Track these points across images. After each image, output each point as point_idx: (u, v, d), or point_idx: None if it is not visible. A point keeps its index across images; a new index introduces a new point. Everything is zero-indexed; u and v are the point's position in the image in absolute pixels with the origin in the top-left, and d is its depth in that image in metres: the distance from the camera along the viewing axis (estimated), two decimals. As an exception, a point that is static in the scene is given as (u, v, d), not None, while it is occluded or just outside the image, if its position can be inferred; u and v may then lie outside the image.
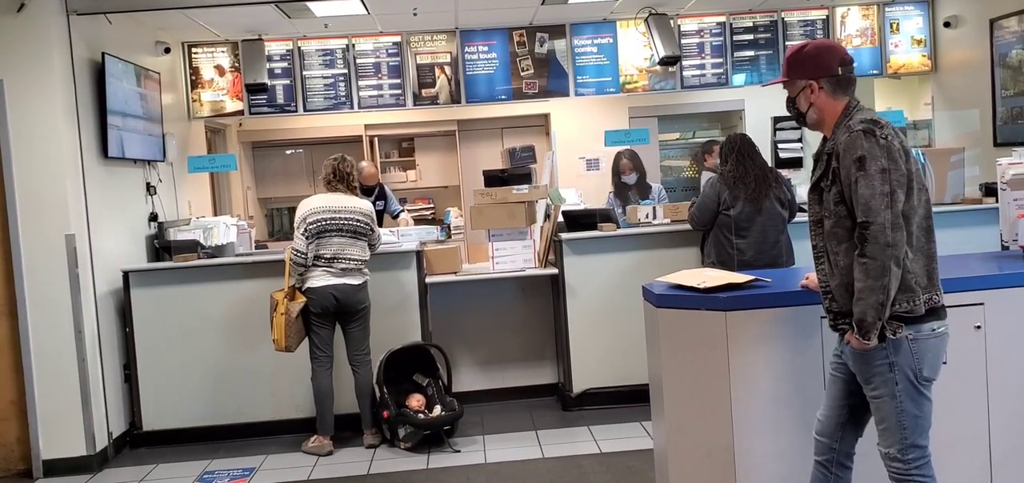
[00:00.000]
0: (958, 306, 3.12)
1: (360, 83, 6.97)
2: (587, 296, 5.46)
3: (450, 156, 9.07)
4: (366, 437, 5.05)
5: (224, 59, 6.87)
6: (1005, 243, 3.79)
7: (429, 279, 5.52)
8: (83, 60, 5.11)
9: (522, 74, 7.04)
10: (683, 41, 7.05)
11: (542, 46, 7.04)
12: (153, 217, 5.88)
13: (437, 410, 5.04)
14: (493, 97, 7.10)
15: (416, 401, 5.05)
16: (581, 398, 5.49)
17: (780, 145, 7.69)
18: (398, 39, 6.97)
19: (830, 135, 2.73)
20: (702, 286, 3.23)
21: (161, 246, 5.72)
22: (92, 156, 5.14)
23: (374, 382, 5.04)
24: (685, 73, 7.13)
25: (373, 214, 5.10)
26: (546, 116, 8.69)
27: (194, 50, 6.86)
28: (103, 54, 5.25)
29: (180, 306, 5.31)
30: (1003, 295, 3.20)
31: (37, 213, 4.86)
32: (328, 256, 4.86)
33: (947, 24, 6.94)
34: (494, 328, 5.84)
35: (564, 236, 5.47)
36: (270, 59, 6.85)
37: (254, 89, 6.64)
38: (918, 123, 7.41)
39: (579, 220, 5.63)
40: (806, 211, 2.89)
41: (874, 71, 7.24)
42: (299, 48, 6.93)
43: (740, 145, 4.85)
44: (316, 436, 5.02)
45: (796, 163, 7.52)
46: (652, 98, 7.77)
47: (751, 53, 7.13)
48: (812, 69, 2.75)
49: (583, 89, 7.11)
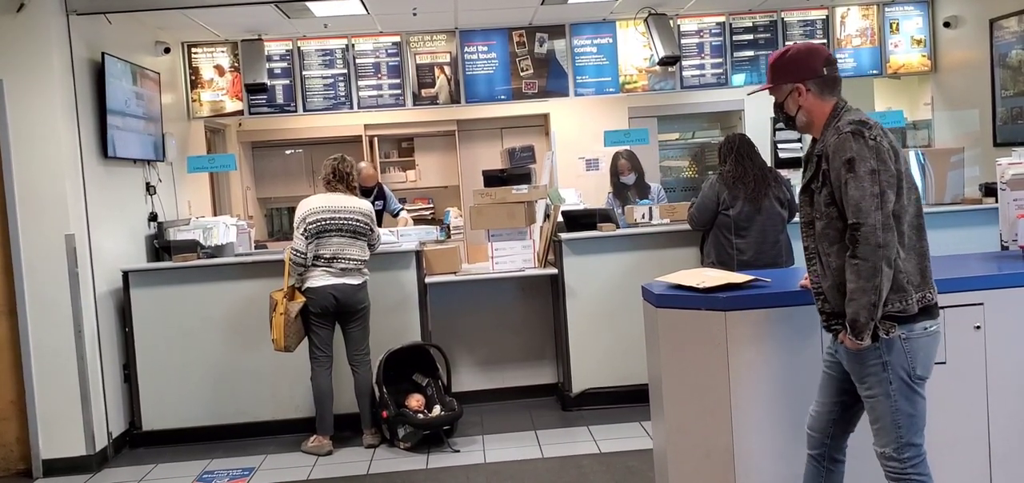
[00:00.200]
0: (958, 306, 3.14)
1: (360, 83, 6.97)
2: (587, 296, 5.46)
3: (450, 156, 9.07)
4: (365, 437, 5.05)
5: (224, 59, 6.87)
6: (1005, 243, 3.79)
7: (429, 279, 5.52)
8: (83, 60, 5.11)
9: (522, 74, 7.04)
10: (683, 41, 7.05)
11: (542, 46, 7.04)
12: (153, 217, 5.88)
13: (436, 410, 5.04)
14: (493, 97, 7.10)
15: (415, 401, 5.05)
16: (580, 398, 5.49)
17: (779, 145, 7.68)
18: (398, 39, 6.97)
19: (819, 137, 2.73)
20: (702, 286, 3.23)
21: (161, 246, 5.72)
22: (92, 156, 5.14)
23: (373, 382, 5.04)
24: (684, 73, 7.13)
25: (373, 214, 5.10)
26: (546, 116, 8.69)
27: (194, 50, 6.86)
28: (103, 54, 5.25)
29: (180, 306, 5.31)
30: (1003, 295, 3.20)
31: (37, 213, 4.86)
32: (328, 256, 4.86)
33: (947, 24, 6.94)
34: (493, 328, 5.84)
35: (563, 236, 5.47)
36: (270, 59, 6.85)
37: (254, 89, 6.64)
38: (918, 123, 7.40)
39: (578, 220, 5.63)
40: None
41: (874, 71, 7.24)
42: (299, 48, 6.93)
43: (739, 145, 4.85)
44: (315, 436, 5.02)
45: (795, 163, 7.48)
46: (652, 98, 7.77)
47: (751, 53, 7.13)
48: (797, 72, 2.76)
49: (583, 89, 7.11)
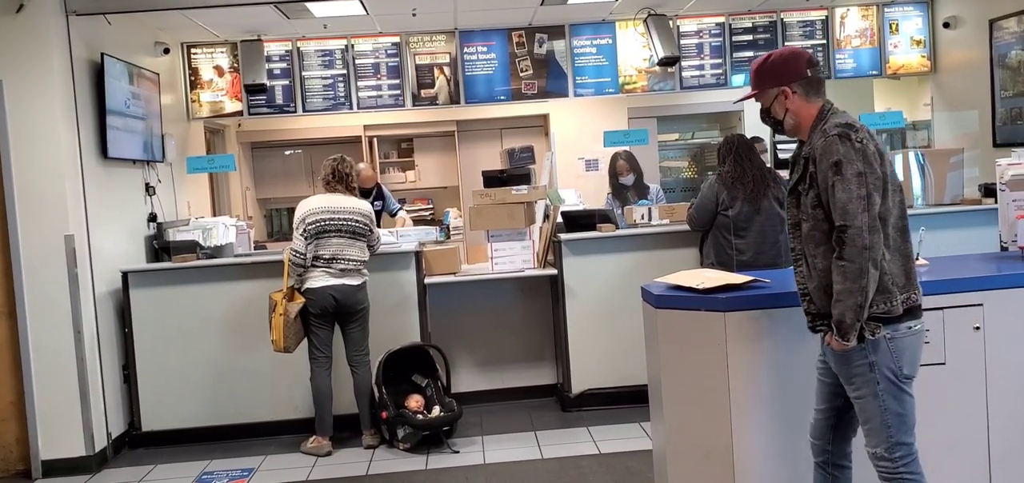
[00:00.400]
0: (957, 307, 3.14)
1: (359, 84, 6.96)
2: (586, 297, 5.46)
3: (449, 157, 9.07)
4: (365, 438, 5.05)
5: (223, 60, 6.87)
6: (1004, 244, 3.79)
7: (428, 280, 5.51)
8: (82, 60, 5.11)
9: (521, 75, 7.04)
10: (682, 42, 7.06)
11: (541, 47, 7.04)
12: (152, 217, 5.88)
13: (436, 411, 5.04)
14: (492, 98, 7.09)
15: (415, 402, 5.05)
16: (580, 399, 5.49)
17: (779, 146, 7.68)
18: (397, 40, 6.97)
19: (807, 139, 2.75)
20: (701, 287, 3.23)
21: (160, 246, 5.72)
22: (91, 156, 5.14)
23: (373, 383, 5.04)
24: (684, 74, 7.13)
25: (372, 215, 5.10)
26: (545, 117, 8.69)
27: (193, 50, 6.86)
28: (102, 54, 5.25)
29: (179, 306, 5.31)
30: (1002, 296, 3.20)
31: (36, 213, 4.86)
32: (327, 257, 4.86)
33: (946, 25, 6.94)
34: (493, 329, 5.84)
35: (563, 237, 5.47)
36: (269, 60, 6.85)
37: (253, 90, 6.64)
38: (917, 124, 7.40)
39: (578, 221, 5.63)
40: None
41: (873, 72, 7.24)
42: (298, 49, 6.93)
43: (738, 146, 4.85)
44: (315, 437, 5.01)
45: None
46: (651, 99, 7.77)
47: (750, 54, 7.12)
48: (782, 76, 2.77)
49: (582, 90, 7.11)
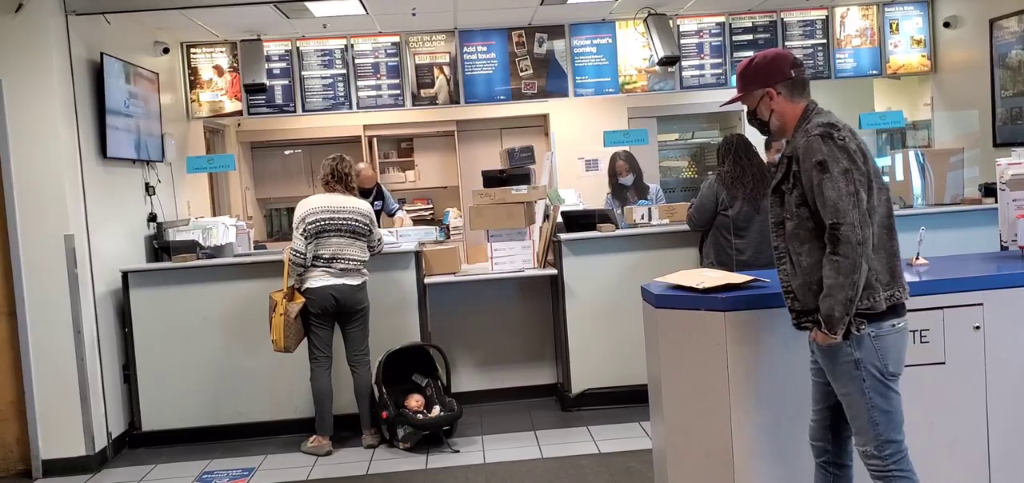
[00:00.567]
0: (957, 306, 3.14)
1: (359, 83, 6.96)
2: (586, 297, 5.46)
3: (449, 156, 9.07)
4: (365, 437, 5.05)
5: (223, 59, 6.87)
6: (1004, 243, 3.79)
7: (428, 279, 5.51)
8: (82, 60, 5.11)
9: (521, 74, 7.04)
10: (682, 41, 7.06)
11: (541, 46, 7.04)
12: (152, 217, 5.88)
13: (436, 410, 5.04)
14: (492, 97, 7.09)
15: (415, 401, 5.04)
16: (580, 398, 5.49)
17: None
18: (397, 39, 6.97)
19: (790, 138, 2.77)
20: (701, 286, 3.23)
21: (160, 246, 5.71)
22: (91, 156, 5.14)
23: (373, 382, 5.04)
24: (684, 73, 7.13)
25: (372, 215, 5.09)
26: (545, 116, 8.69)
27: (193, 50, 6.86)
28: (102, 54, 5.25)
29: (179, 306, 5.31)
30: (1002, 295, 3.20)
31: (36, 213, 4.85)
32: (327, 256, 4.86)
33: (947, 24, 6.94)
34: (493, 328, 5.84)
35: (563, 237, 5.47)
36: (269, 59, 6.85)
37: (253, 89, 6.63)
38: (917, 123, 7.40)
39: (578, 221, 5.63)
40: None
41: (873, 71, 7.24)
42: (298, 48, 6.93)
43: (737, 146, 4.86)
44: (315, 436, 5.01)
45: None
46: (651, 98, 7.77)
47: (750, 54, 7.03)
48: (766, 77, 2.80)
49: (582, 89, 7.11)
